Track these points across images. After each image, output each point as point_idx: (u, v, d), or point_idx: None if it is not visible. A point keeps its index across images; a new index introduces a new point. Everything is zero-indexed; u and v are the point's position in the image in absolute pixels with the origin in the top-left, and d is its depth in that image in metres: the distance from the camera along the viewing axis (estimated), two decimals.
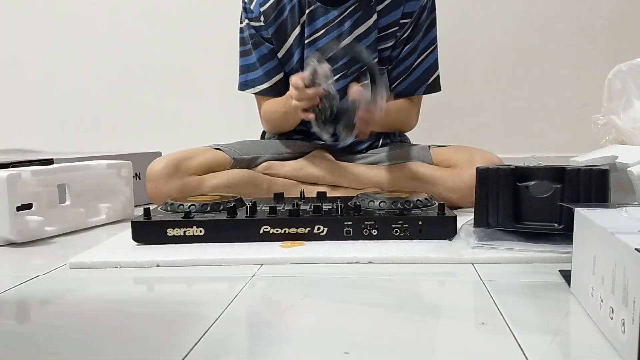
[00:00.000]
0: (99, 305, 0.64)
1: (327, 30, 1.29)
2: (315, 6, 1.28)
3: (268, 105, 1.37)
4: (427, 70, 1.33)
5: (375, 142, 1.40)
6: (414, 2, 1.28)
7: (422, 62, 1.32)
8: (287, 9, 1.30)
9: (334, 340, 0.51)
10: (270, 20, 1.31)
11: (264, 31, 1.32)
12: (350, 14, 1.27)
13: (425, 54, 1.32)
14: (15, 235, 0.95)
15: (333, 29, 1.29)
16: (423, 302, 0.62)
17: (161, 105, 1.90)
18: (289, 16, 1.30)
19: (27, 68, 1.96)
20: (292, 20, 1.30)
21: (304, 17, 1.29)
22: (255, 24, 1.33)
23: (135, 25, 1.89)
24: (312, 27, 1.29)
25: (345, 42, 1.28)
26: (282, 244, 0.87)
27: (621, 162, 0.93)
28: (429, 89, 1.34)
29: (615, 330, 0.46)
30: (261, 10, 1.31)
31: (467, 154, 1.23)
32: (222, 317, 0.57)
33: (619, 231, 0.48)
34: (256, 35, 1.33)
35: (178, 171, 1.21)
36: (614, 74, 1.18)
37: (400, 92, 1.33)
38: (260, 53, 1.34)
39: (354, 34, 1.28)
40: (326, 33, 1.29)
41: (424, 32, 1.31)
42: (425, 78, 1.33)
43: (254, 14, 1.32)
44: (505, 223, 0.81)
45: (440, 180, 1.22)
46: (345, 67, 1.31)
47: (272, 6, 1.30)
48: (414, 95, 1.34)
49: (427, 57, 1.32)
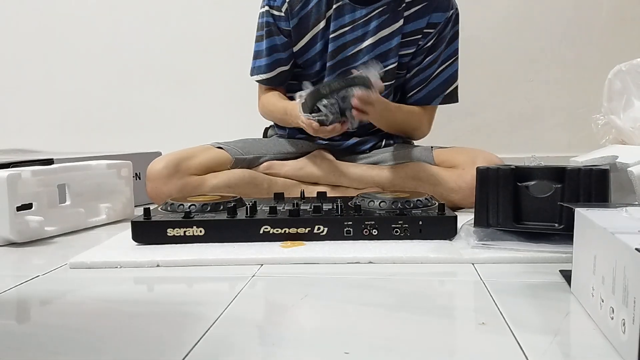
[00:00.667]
0: (99, 305, 0.64)
1: (353, 27, 1.29)
2: (342, 2, 1.28)
3: (268, 99, 1.37)
4: (446, 81, 1.33)
5: (378, 143, 1.39)
6: (441, 14, 1.28)
7: (441, 72, 1.32)
8: (313, 2, 1.29)
9: (334, 340, 0.51)
10: (296, 11, 1.29)
11: (284, 22, 1.31)
12: (377, 15, 1.27)
13: (445, 65, 1.32)
14: (15, 235, 0.95)
15: (359, 27, 1.29)
16: (423, 302, 0.62)
17: (161, 105, 1.90)
18: (314, 8, 1.29)
19: (27, 68, 1.96)
20: (317, 13, 1.29)
21: (331, 11, 1.29)
22: (275, 12, 1.31)
23: (135, 25, 1.89)
24: (339, 22, 1.29)
25: (368, 43, 1.28)
26: (282, 244, 0.87)
27: (621, 162, 0.93)
28: (446, 99, 1.34)
29: (616, 330, 0.46)
30: (287, 0, 1.29)
31: (469, 155, 1.23)
32: (222, 317, 0.57)
33: (619, 231, 0.48)
34: (273, 24, 1.32)
35: (178, 171, 1.20)
36: (614, 74, 1.18)
37: (417, 101, 1.34)
38: (272, 43, 1.33)
39: (378, 35, 1.28)
40: (352, 30, 1.29)
41: (446, 43, 1.31)
42: (443, 89, 1.33)
43: (276, 2, 1.31)
44: (505, 223, 0.81)
45: (442, 181, 1.22)
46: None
47: None
48: (430, 105, 1.34)
49: (447, 68, 1.33)
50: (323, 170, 1.31)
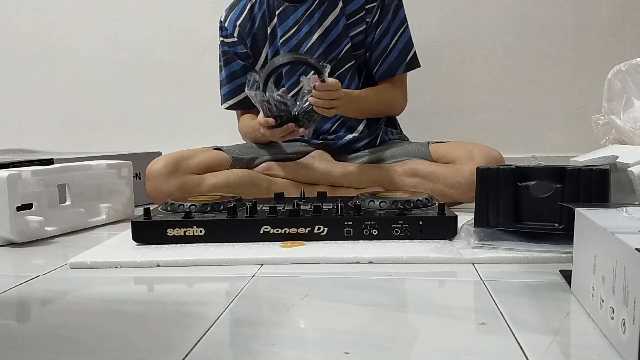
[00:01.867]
0: (99, 305, 0.64)
1: (298, 26, 1.33)
2: (284, 6, 1.32)
3: (242, 123, 1.44)
4: (404, 50, 1.35)
5: (373, 140, 1.40)
6: None
7: (397, 42, 1.35)
8: (259, 16, 1.35)
9: (334, 340, 0.51)
10: (247, 31, 1.36)
11: (239, 46, 1.38)
12: (317, 6, 1.31)
13: (399, 34, 1.35)
14: (16, 235, 0.95)
15: (304, 24, 1.32)
16: (423, 302, 0.62)
17: (161, 105, 1.90)
18: (260, 23, 1.35)
19: (27, 68, 1.96)
20: (263, 25, 1.35)
21: (275, 19, 1.34)
22: (229, 40, 1.39)
23: (135, 25, 1.89)
24: (284, 26, 1.33)
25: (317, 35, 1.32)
26: (282, 244, 0.87)
27: (621, 162, 0.93)
28: (409, 66, 1.37)
29: (616, 330, 0.46)
30: (237, 23, 1.37)
31: (467, 149, 1.23)
32: (222, 317, 0.57)
33: (619, 231, 0.48)
34: (229, 53, 1.40)
35: (177, 170, 1.21)
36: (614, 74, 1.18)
37: (382, 75, 1.36)
38: (230, 70, 1.41)
39: (324, 25, 1.31)
40: (298, 29, 1.33)
41: (392, 13, 1.34)
42: (402, 57, 1.35)
43: (227, 30, 1.38)
44: (505, 223, 0.81)
45: (441, 177, 1.22)
46: (322, 57, 1.33)
47: (246, 17, 1.36)
48: (395, 76, 1.36)
49: (401, 37, 1.35)
50: (321, 170, 1.31)
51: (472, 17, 1.73)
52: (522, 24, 1.72)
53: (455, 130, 1.75)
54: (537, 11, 1.71)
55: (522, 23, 1.72)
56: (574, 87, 1.72)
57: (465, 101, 1.76)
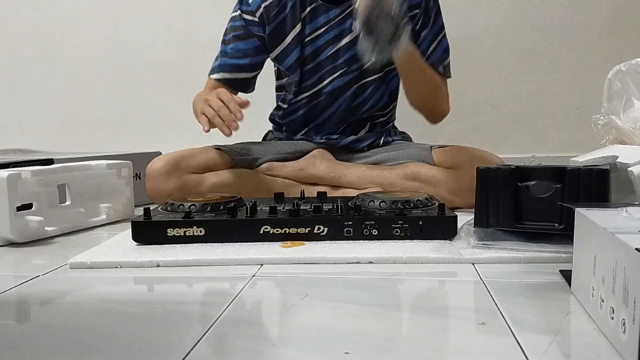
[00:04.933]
0: (99, 305, 0.64)
1: (328, 28, 1.29)
2: (316, 4, 1.28)
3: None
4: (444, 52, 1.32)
5: (376, 141, 1.39)
6: None
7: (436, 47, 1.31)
8: (289, 5, 1.29)
9: (334, 340, 0.50)
10: (272, 16, 1.29)
11: (256, 27, 1.30)
12: (352, 12, 1.24)
13: (438, 40, 1.31)
14: (16, 235, 0.95)
15: (334, 27, 1.29)
16: (423, 302, 0.62)
17: (161, 105, 1.90)
18: (289, 13, 1.29)
19: (27, 68, 1.96)
20: (292, 17, 1.29)
21: (305, 13, 1.28)
22: (247, 17, 1.31)
23: (135, 25, 1.89)
24: (313, 25, 1.29)
25: (346, 41, 1.28)
26: (282, 244, 0.87)
27: (621, 162, 0.93)
28: (446, 70, 1.33)
29: (616, 330, 0.46)
30: (263, 5, 1.29)
31: (469, 155, 1.23)
32: (222, 317, 0.57)
33: (620, 231, 0.48)
34: (244, 28, 1.31)
35: (177, 169, 1.21)
36: (614, 74, 1.18)
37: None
38: (242, 46, 1.32)
39: (355, 32, 1.27)
40: (327, 31, 1.29)
41: (433, 19, 1.30)
42: (443, 58, 1.32)
43: (250, 7, 1.30)
44: (505, 223, 0.81)
45: (442, 182, 1.22)
46: (347, 64, 1.30)
47: (275, 3, 1.29)
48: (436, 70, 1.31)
49: (441, 42, 1.32)
50: (323, 170, 1.31)
51: (472, 17, 1.73)
52: (522, 24, 1.72)
53: (455, 130, 1.75)
54: (537, 11, 1.71)
55: (522, 23, 1.72)
56: (574, 87, 1.72)
57: (465, 101, 1.76)
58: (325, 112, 1.37)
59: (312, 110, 1.38)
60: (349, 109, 1.36)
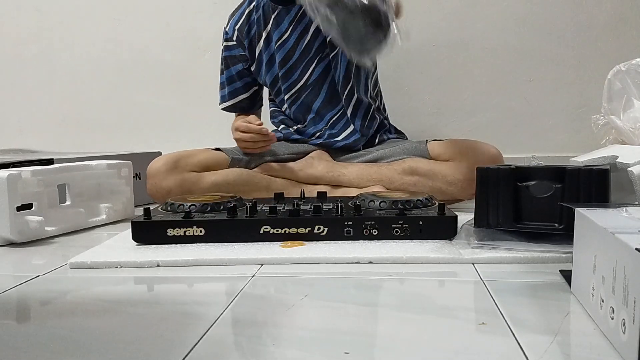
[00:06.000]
0: (99, 305, 0.64)
1: (292, 27, 1.34)
2: (278, 10, 1.33)
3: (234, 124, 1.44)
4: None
5: (372, 140, 1.40)
6: None
7: None
8: (255, 21, 1.37)
9: (334, 340, 0.50)
10: (244, 35, 1.38)
11: (237, 49, 1.41)
12: None
13: None
14: (16, 235, 0.95)
15: (297, 25, 1.33)
16: (423, 302, 0.62)
17: (161, 105, 1.90)
18: (256, 28, 1.37)
19: (27, 68, 1.96)
20: (259, 30, 1.37)
21: (270, 24, 1.35)
22: (229, 44, 1.42)
23: (135, 25, 1.89)
24: (280, 29, 1.34)
25: (312, 29, 1.32)
26: (282, 244, 0.87)
27: (621, 162, 0.93)
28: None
29: (616, 330, 0.46)
30: (236, 28, 1.39)
31: (464, 146, 1.23)
32: (222, 317, 0.57)
33: (619, 231, 0.48)
34: (230, 57, 1.43)
35: (177, 167, 1.23)
36: (614, 74, 1.18)
37: None
38: (230, 73, 1.44)
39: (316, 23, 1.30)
40: (292, 30, 1.34)
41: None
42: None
43: (228, 34, 1.42)
44: (505, 223, 0.81)
45: (440, 174, 1.22)
46: (320, 49, 1.33)
47: (244, 22, 1.38)
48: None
49: None
50: (321, 170, 1.31)
51: (472, 17, 1.73)
52: (522, 24, 1.72)
53: (455, 130, 1.75)
54: (537, 11, 1.71)
55: (522, 23, 1.72)
56: (574, 87, 1.72)
57: (465, 101, 1.76)
58: (318, 97, 1.39)
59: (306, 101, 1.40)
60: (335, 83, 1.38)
